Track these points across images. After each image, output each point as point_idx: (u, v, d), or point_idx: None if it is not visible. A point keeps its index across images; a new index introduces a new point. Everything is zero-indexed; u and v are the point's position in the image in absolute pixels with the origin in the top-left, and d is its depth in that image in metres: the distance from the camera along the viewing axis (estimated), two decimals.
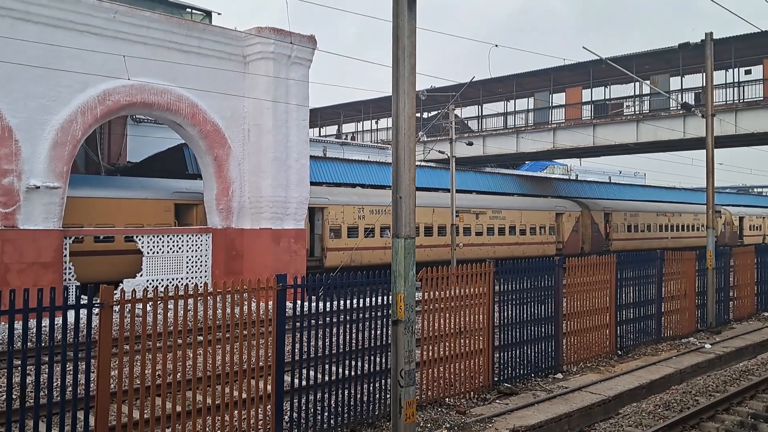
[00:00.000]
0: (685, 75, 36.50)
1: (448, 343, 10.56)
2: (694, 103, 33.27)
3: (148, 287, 7.29)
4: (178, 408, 7.54)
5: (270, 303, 8.35)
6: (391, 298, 8.63)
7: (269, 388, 8.31)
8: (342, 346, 9.12)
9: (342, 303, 9.12)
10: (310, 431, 8.67)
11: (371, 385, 9.46)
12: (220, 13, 64.95)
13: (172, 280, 20.69)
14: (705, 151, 19.66)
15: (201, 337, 7.86)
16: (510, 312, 11.83)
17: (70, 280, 18.80)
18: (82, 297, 11.75)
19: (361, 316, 9.37)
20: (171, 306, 7.46)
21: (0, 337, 15.01)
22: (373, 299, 9.56)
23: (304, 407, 8.64)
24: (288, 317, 9.58)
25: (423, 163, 38.03)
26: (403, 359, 8.17)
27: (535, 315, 12.36)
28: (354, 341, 9.25)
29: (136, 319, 7.08)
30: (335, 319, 9.09)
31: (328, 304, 9.08)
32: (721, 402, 10.97)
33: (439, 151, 32.03)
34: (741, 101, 33.21)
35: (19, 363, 6.47)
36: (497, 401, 10.65)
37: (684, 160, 53.91)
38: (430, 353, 10.30)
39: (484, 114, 44.12)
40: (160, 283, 19.94)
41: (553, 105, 40.32)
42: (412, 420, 8.20)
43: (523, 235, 36.37)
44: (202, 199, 22.49)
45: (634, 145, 36.33)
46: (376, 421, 9.37)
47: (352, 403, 9.19)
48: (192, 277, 21.22)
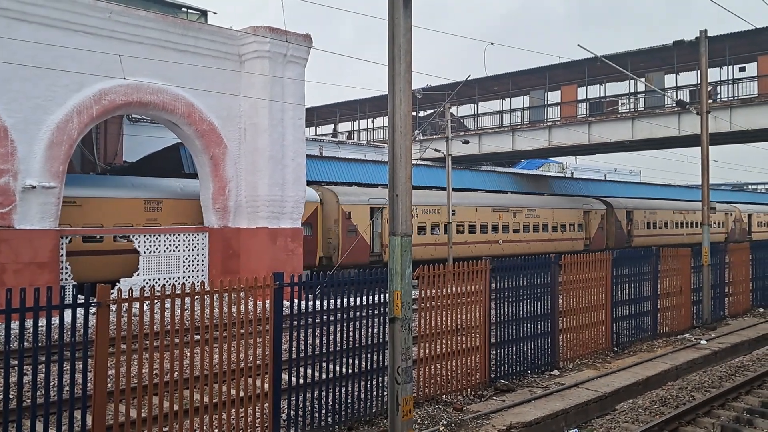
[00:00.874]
0: (680, 72, 36.58)
1: (445, 341, 10.59)
2: (688, 100, 33.30)
3: (144, 286, 7.30)
4: (176, 407, 7.55)
5: (267, 301, 8.37)
6: (388, 295, 8.65)
7: (266, 386, 8.33)
8: (339, 344, 9.15)
9: (339, 301, 9.14)
10: (308, 429, 8.70)
11: (368, 382, 9.49)
12: (215, 13, 64.87)
13: (169, 279, 20.68)
14: (700, 148, 19.75)
15: (198, 336, 7.87)
16: (507, 309, 11.88)
17: (66, 279, 18.78)
18: (79, 296, 11.74)
19: (359, 314, 9.40)
20: (168, 305, 7.47)
21: None
22: (371, 297, 9.58)
23: (301, 405, 8.66)
24: (285, 315, 9.60)
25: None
26: (400, 356, 8.19)
27: (532, 312, 12.41)
28: (351, 339, 9.28)
29: (132, 318, 7.09)
30: (332, 317, 9.11)
31: (326, 302, 9.10)
32: (716, 398, 11.01)
33: (435, 150, 32.05)
34: (735, 98, 33.30)
35: (16, 362, 6.48)
36: (494, 398, 10.69)
37: (679, 158, 54.35)
38: (427, 350, 10.34)
39: (479, 112, 44.21)
40: (156, 283, 19.93)
41: (549, 103, 40.38)
42: (409, 417, 8.23)
43: (555, 231, 38.55)
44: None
45: (630, 143, 36.41)
46: (374, 419, 9.40)
47: (349, 400, 9.22)
48: (189, 277, 21.20)
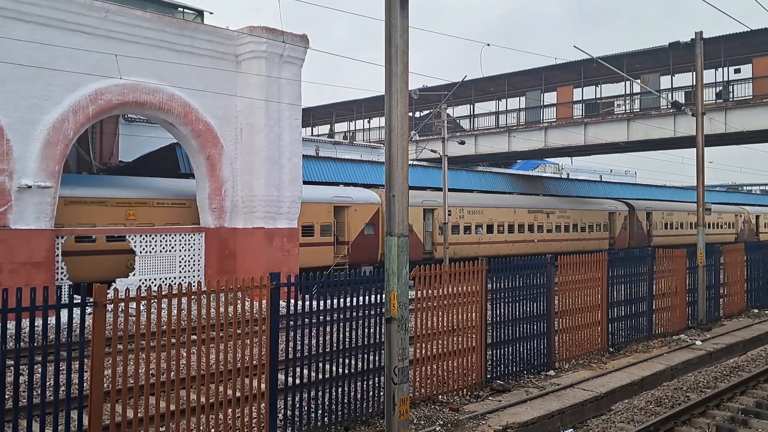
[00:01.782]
0: (676, 74, 36.67)
1: (441, 341, 10.60)
2: (684, 101, 33.40)
3: (141, 286, 7.29)
4: (172, 407, 7.54)
5: (264, 302, 8.37)
6: (384, 295, 8.66)
7: (263, 386, 8.33)
8: (336, 344, 9.16)
9: (336, 301, 9.15)
10: (304, 429, 8.70)
11: (365, 382, 9.50)
12: (212, 13, 64.70)
13: (165, 279, 20.65)
14: (695, 149, 19.80)
15: (195, 336, 7.86)
16: (503, 310, 11.89)
17: (62, 279, 18.74)
18: (75, 296, 11.72)
19: (355, 314, 9.41)
20: (164, 305, 7.47)
21: None
22: (367, 297, 9.59)
23: (298, 405, 8.67)
24: (282, 316, 9.60)
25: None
26: (396, 357, 8.20)
27: (528, 312, 12.43)
28: (348, 339, 9.29)
29: (129, 318, 7.08)
30: (329, 318, 9.12)
31: (322, 303, 9.10)
32: (711, 398, 11.05)
33: (432, 150, 32.08)
34: (731, 100, 33.40)
35: (12, 363, 6.47)
36: (490, 398, 10.70)
37: (675, 159, 54.66)
38: (424, 351, 10.36)
39: (476, 113, 44.24)
40: (153, 283, 19.90)
41: (545, 104, 40.44)
42: (405, 417, 8.24)
43: (584, 231, 40.94)
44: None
45: (625, 144, 36.50)
46: (370, 419, 9.41)
47: (346, 400, 9.22)
48: (185, 277, 21.18)
